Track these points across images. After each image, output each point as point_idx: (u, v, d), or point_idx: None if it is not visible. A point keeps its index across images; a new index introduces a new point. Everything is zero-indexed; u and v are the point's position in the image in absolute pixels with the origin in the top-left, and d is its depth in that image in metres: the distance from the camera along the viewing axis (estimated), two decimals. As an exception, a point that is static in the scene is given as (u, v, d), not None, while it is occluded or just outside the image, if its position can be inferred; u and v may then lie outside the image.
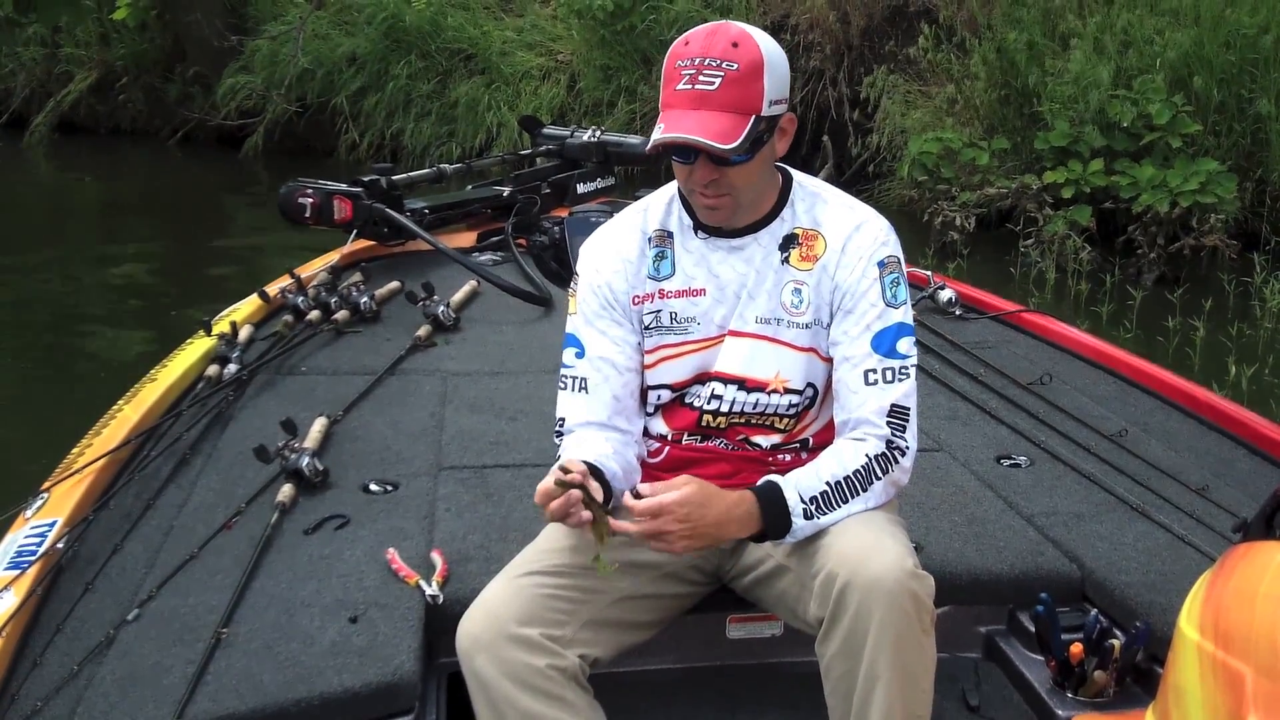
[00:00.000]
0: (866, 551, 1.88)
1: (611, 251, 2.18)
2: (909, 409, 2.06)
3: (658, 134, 1.95)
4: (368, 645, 2.06)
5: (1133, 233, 7.64)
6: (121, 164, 12.34)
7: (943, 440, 3.03)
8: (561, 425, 2.16)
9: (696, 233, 2.14)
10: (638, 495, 1.89)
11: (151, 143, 12.59)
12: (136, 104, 12.90)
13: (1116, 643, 2.19)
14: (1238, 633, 1.42)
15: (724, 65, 1.95)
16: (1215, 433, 3.16)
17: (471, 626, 1.92)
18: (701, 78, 1.95)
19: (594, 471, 1.98)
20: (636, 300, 2.15)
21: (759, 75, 1.97)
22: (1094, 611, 2.30)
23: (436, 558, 2.31)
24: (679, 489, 1.89)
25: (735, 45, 1.97)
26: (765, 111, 1.98)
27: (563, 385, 2.17)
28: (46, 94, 13.19)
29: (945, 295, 4.02)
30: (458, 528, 2.48)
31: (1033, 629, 2.31)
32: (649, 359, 2.16)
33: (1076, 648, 2.20)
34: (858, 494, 2.00)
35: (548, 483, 1.88)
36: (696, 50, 1.97)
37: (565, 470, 1.88)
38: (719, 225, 2.11)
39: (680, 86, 1.96)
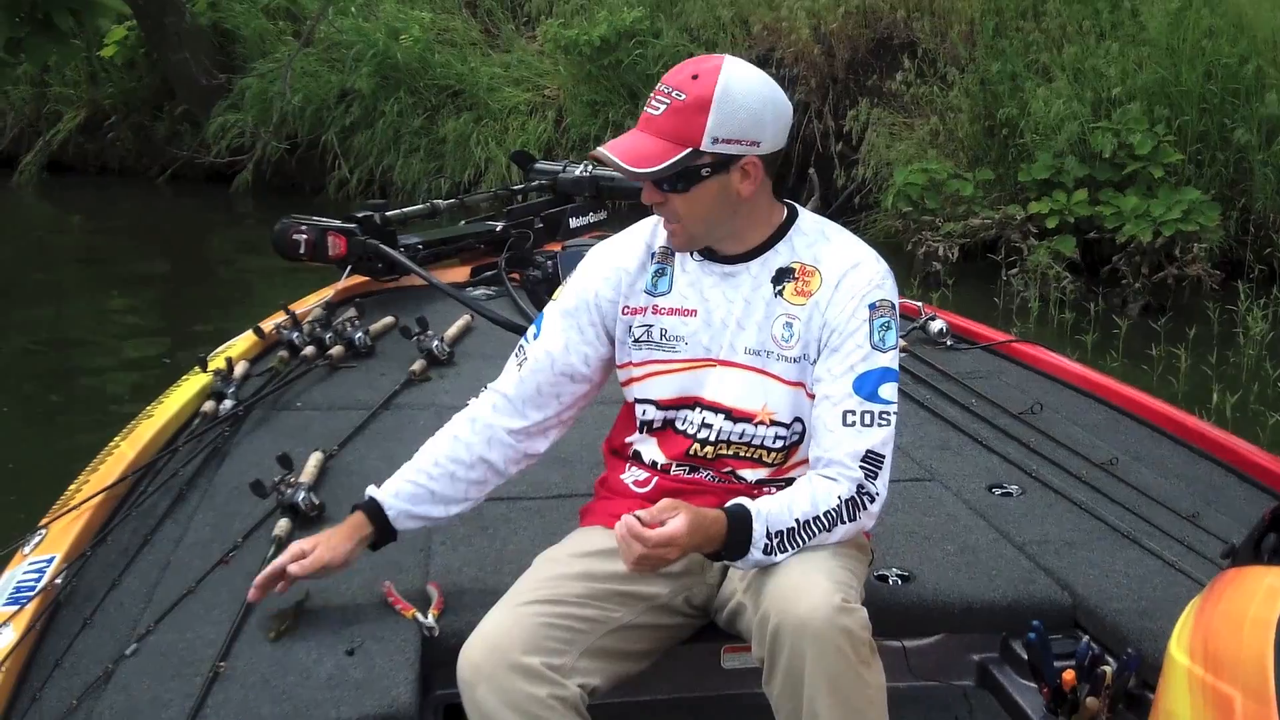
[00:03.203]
0: (795, 591, 1.90)
1: (609, 260, 2.25)
2: (884, 456, 2.07)
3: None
4: (365, 678, 2.07)
5: (1117, 262, 7.70)
6: (111, 202, 12.32)
7: (934, 470, 3.05)
8: (488, 385, 2.30)
9: (693, 255, 2.18)
10: (640, 520, 1.91)
11: (141, 181, 12.57)
12: (125, 142, 12.89)
13: (1108, 669, 2.20)
14: (1227, 657, 1.44)
15: (673, 94, 2.02)
16: (1205, 460, 3.18)
17: (473, 656, 1.93)
18: (653, 102, 2.04)
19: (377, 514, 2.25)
20: (627, 310, 2.21)
21: (704, 110, 2.00)
22: (1086, 638, 2.31)
23: (432, 590, 2.32)
24: (670, 513, 1.91)
25: (694, 78, 2.02)
26: (706, 146, 2.01)
27: (515, 352, 2.29)
28: (35, 133, 13.16)
29: (936, 326, 4.05)
30: (453, 560, 2.49)
31: (1025, 657, 2.32)
32: (639, 372, 2.21)
33: (1069, 675, 2.21)
34: (822, 532, 2.02)
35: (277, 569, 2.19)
36: (665, 77, 2.05)
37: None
38: (677, 250, 2.18)
39: (643, 110, 2.06)
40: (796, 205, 2.22)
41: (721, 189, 2.07)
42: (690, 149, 2.01)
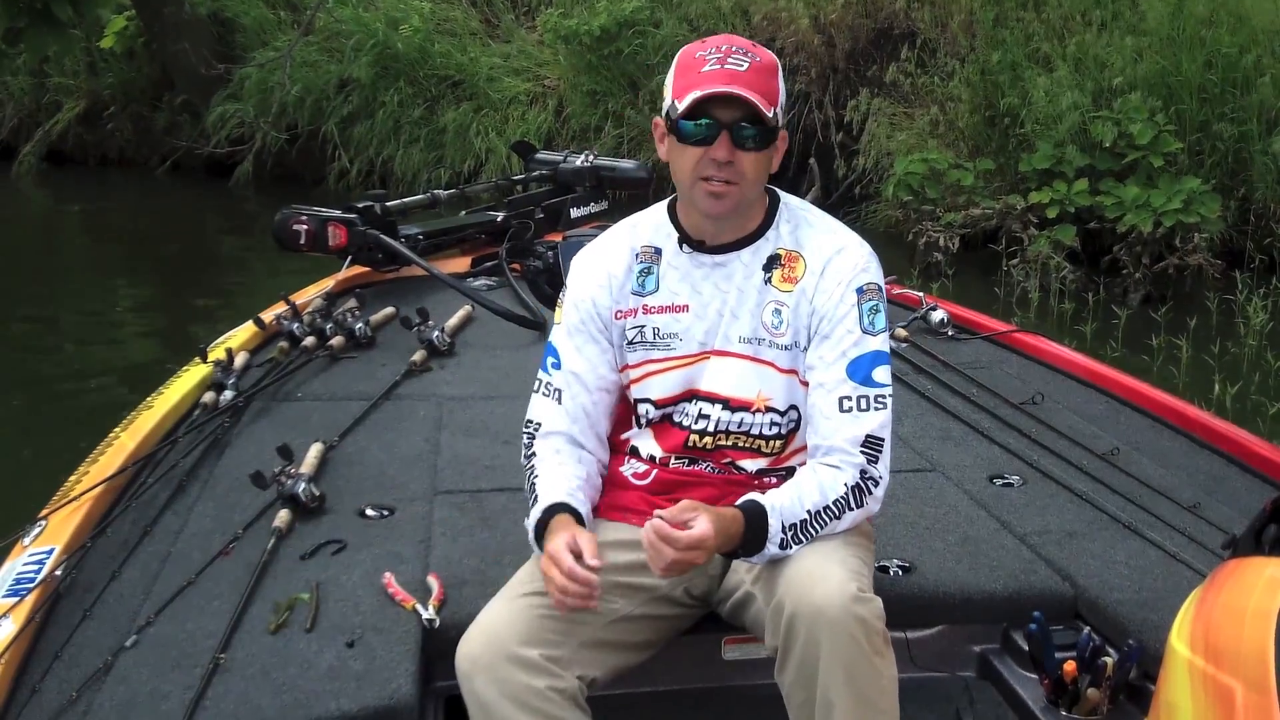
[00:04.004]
0: (811, 580, 1.90)
1: (598, 267, 2.21)
2: (883, 440, 2.07)
3: (697, 93, 1.98)
4: (365, 670, 2.07)
5: (1118, 252, 7.69)
6: (111, 193, 12.32)
7: (936, 460, 3.04)
8: (533, 428, 2.20)
9: (682, 247, 2.16)
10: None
11: (140, 172, 12.57)
12: (125, 133, 12.88)
13: (1109, 660, 2.20)
14: (1228, 648, 1.43)
15: (749, 55, 2.02)
16: (1206, 450, 3.18)
17: (471, 648, 1.93)
18: (730, 60, 2.01)
19: (575, 514, 2.05)
20: (619, 315, 2.18)
21: (776, 74, 2.05)
22: (1087, 629, 2.31)
23: (433, 582, 2.32)
24: (691, 514, 1.89)
25: (753, 46, 2.05)
26: (779, 110, 2.04)
27: (536, 388, 2.22)
28: (35, 123, 13.17)
29: (937, 316, 4.04)
30: (454, 552, 2.49)
31: (1026, 648, 2.32)
32: (635, 373, 2.19)
33: (1070, 666, 2.21)
34: (832, 521, 2.02)
35: (570, 569, 1.91)
36: (719, 42, 2.04)
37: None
38: (717, 221, 2.11)
39: (708, 68, 2.01)
40: (777, 190, 2.21)
41: (769, 158, 2.09)
42: (774, 109, 2.03)
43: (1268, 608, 1.42)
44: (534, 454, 2.17)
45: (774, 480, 2.16)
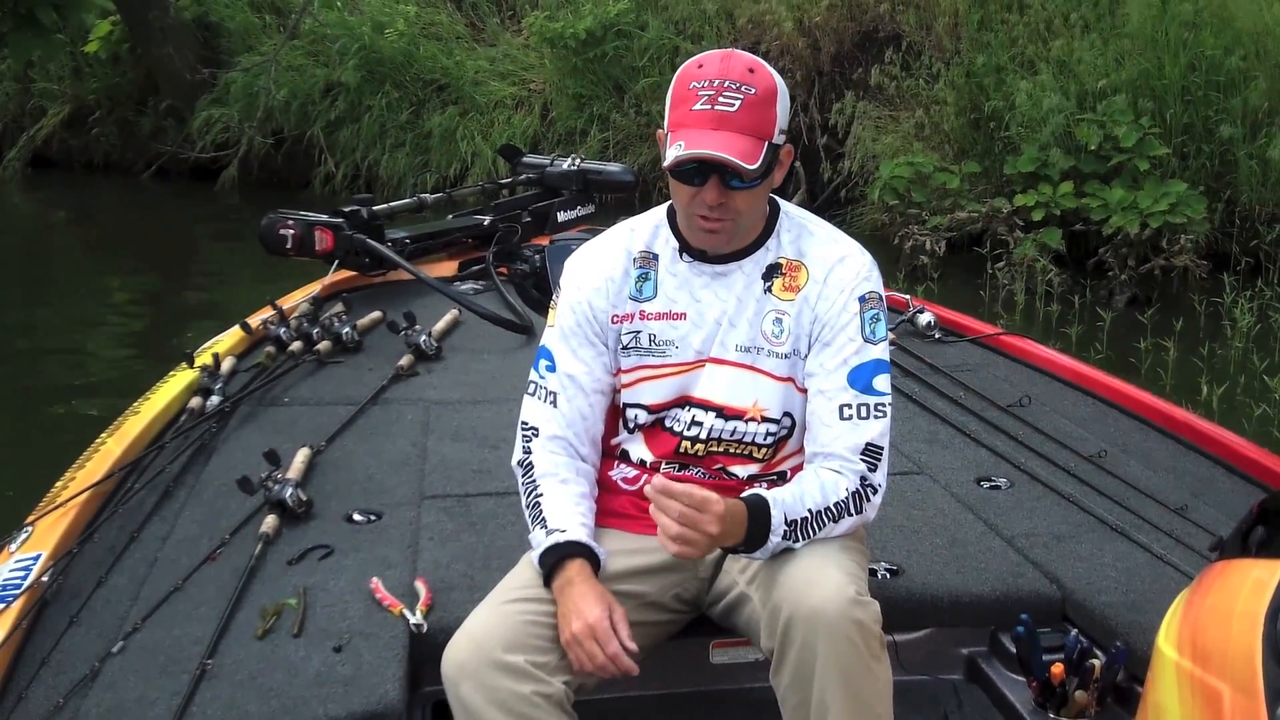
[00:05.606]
0: (808, 582, 1.90)
1: (595, 269, 2.19)
2: (883, 448, 2.07)
3: (678, 151, 1.95)
4: (353, 675, 2.06)
5: (1104, 254, 7.71)
6: (96, 198, 12.27)
7: (923, 463, 3.05)
8: (531, 432, 2.17)
9: (682, 256, 2.15)
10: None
11: (125, 177, 12.52)
12: (110, 138, 12.83)
13: (1097, 662, 2.21)
14: (1215, 650, 1.44)
15: (743, 89, 1.97)
16: (1193, 452, 3.19)
17: (457, 654, 1.93)
18: (721, 99, 1.96)
19: (594, 560, 2.04)
20: (616, 319, 2.16)
21: (773, 102, 2.00)
22: (1074, 632, 2.31)
23: (420, 587, 2.32)
24: (701, 494, 1.87)
25: (751, 71, 1.99)
26: (775, 139, 2.01)
27: (531, 392, 2.19)
28: (19, 128, 13.12)
29: (924, 319, 4.05)
30: (441, 556, 2.48)
31: (1014, 650, 2.32)
32: (628, 378, 2.18)
33: (1058, 668, 2.21)
34: (830, 523, 2.02)
35: (616, 654, 1.94)
36: (714, 73, 1.98)
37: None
38: (712, 250, 2.11)
39: (698, 107, 1.97)
40: (777, 199, 2.21)
41: (766, 187, 2.06)
42: (768, 142, 1.99)
43: (1254, 610, 1.42)
44: (532, 464, 2.15)
45: (765, 485, 2.15)
